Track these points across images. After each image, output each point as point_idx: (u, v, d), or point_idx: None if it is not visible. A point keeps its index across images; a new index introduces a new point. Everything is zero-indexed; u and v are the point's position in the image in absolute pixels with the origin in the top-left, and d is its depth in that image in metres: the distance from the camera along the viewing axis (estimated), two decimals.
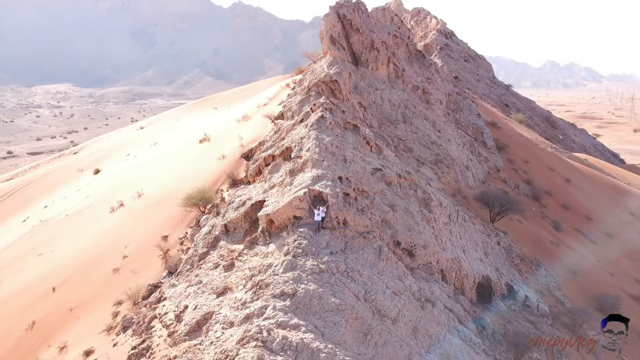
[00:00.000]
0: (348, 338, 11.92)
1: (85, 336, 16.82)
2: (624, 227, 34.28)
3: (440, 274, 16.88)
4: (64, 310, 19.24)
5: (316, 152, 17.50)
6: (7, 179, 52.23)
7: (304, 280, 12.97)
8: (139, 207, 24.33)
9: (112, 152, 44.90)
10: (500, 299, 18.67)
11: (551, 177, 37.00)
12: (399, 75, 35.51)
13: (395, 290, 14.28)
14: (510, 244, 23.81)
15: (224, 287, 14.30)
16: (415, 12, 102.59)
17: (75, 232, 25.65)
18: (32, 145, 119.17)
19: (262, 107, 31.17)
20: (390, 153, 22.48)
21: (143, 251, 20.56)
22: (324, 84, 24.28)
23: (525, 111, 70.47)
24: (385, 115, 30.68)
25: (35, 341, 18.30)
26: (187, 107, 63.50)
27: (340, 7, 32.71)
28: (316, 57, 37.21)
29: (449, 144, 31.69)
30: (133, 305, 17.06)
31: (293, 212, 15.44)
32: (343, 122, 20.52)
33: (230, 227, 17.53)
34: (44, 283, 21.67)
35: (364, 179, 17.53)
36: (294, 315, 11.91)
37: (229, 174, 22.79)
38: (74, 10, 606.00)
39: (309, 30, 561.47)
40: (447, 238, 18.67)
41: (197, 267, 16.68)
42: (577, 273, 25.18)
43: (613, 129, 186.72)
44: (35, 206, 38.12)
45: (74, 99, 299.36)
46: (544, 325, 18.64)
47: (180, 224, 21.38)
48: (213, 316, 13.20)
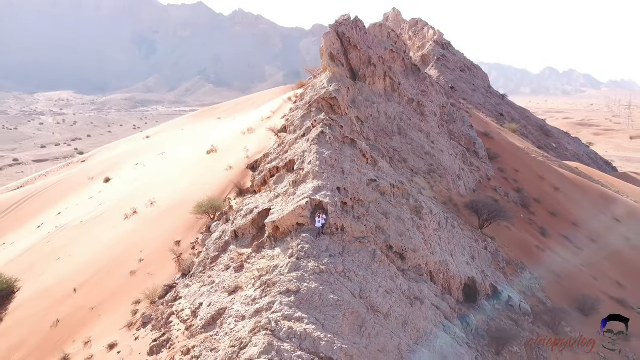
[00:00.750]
0: (345, 329, 13.70)
1: (108, 332, 18.55)
2: (609, 233, 36.04)
3: (429, 275, 18.68)
4: (85, 310, 20.98)
5: (317, 165, 19.36)
6: (18, 187, 54.09)
7: (306, 279, 14.77)
8: (152, 214, 26.15)
9: (121, 161, 46.82)
10: (485, 299, 20.45)
11: (541, 185, 38.85)
12: (395, 89, 37.47)
13: (388, 289, 16.08)
14: (497, 249, 25.60)
15: (235, 286, 16.09)
16: (413, 22, 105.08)
17: (91, 238, 27.44)
18: (37, 152, 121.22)
19: (265, 120, 33.12)
20: (385, 164, 24.36)
21: (157, 255, 22.35)
22: (324, 100, 26.22)
23: (519, 120, 72.53)
24: (381, 128, 32.58)
25: (60, 337, 20.01)
26: (192, 116, 65.49)
27: (340, 25, 34.76)
28: (316, 72, 39.24)
29: (442, 154, 33.59)
30: (151, 304, 18.82)
31: (296, 220, 17.27)
32: (341, 137, 22.40)
33: (239, 232, 19.35)
34: (65, 285, 23.43)
35: (360, 189, 19.38)
36: (298, 309, 13.70)
37: (236, 183, 24.65)
38: (75, 18, 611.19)
39: (309, 37, 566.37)
40: (436, 243, 20.48)
41: (210, 269, 18.48)
42: (561, 276, 26.94)
43: (610, 136, 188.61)
44: (48, 213, 39.93)
45: (77, 106, 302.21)
46: (525, 323, 20.39)
47: (191, 230, 23.20)
48: (226, 311, 14.99)
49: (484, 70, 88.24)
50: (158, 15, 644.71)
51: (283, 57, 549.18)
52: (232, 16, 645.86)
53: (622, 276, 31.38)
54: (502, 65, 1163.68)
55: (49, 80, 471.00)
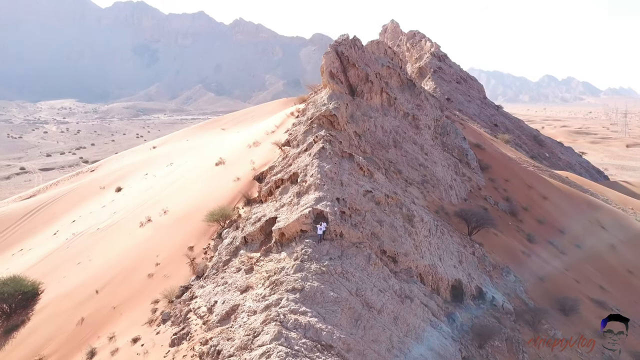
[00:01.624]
0: (343, 322, 15.81)
1: (130, 328, 20.60)
2: (594, 240, 38.18)
3: (419, 277, 20.81)
4: (108, 309, 23.06)
5: (318, 177, 21.58)
6: (30, 195, 56.31)
7: (309, 279, 16.91)
8: (166, 222, 28.31)
9: (130, 171, 49.08)
10: (470, 299, 22.56)
11: (529, 194, 41.05)
12: (391, 104, 39.79)
13: (381, 288, 18.21)
14: (485, 254, 27.73)
15: (246, 286, 18.22)
16: (411, 34, 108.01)
17: (109, 244, 29.59)
18: (43, 161, 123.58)
19: (270, 135, 35.42)
20: (381, 176, 26.57)
21: (172, 259, 24.47)
22: (324, 117, 28.50)
23: (514, 130, 74.95)
24: (378, 141, 34.85)
25: (86, 334, 22.07)
26: (197, 127, 67.86)
27: (339, 45, 37.12)
28: (317, 88, 41.60)
29: (435, 165, 35.84)
30: (169, 303, 20.90)
31: (300, 227, 19.44)
32: (340, 152, 24.63)
33: (248, 238, 21.51)
34: (87, 287, 25.52)
35: (357, 200, 21.57)
36: (302, 304, 15.83)
37: (243, 193, 26.87)
38: (78, 28, 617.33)
39: (309, 46, 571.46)
40: (426, 248, 22.63)
41: (222, 271, 20.61)
42: (544, 279, 29.06)
43: (606, 144, 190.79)
44: (63, 220, 42.10)
45: (79, 115, 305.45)
46: (507, 321, 22.46)
47: (203, 237, 25.35)
48: (239, 307, 17.10)
49: (479, 82, 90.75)
50: (159, 24, 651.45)
51: (283, 65, 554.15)
52: (233, 25, 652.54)
53: (604, 280, 33.48)
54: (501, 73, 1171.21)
55: (51, 89, 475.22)
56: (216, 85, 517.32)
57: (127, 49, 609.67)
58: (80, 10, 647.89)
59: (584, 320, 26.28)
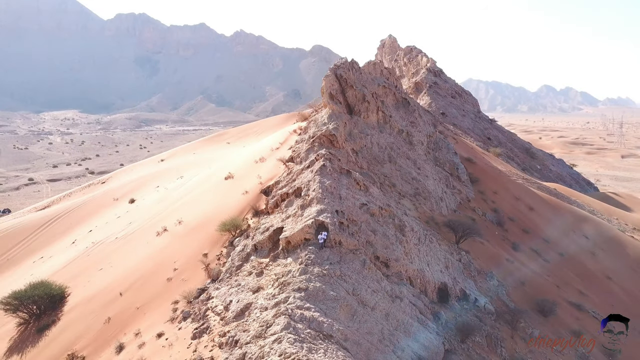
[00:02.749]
0: (341, 316, 18.60)
1: (154, 325, 23.33)
2: (576, 248, 40.92)
3: (408, 280, 23.62)
4: (132, 309, 25.79)
5: (319, 192, 24.49)
6: (45, 206, 59.19)
7: (312, 280, 19.72)
8: (181, 232, 31.17)
9: (142, 183, 52.02)
10: (455, 300, 25.34)
11: (516, 205, 43.92)
12: (386, 121, 42.85)
13: (374, 289, 21.02)
14: (470, 261, 30.54)
15: (257, 287, 21.03)
16: (408, 50, 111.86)
17: (128, 251, 32.41)
18: (50, 172, 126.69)
19: (275, 151, 38.42)
20: (376, 190, 29.47)
21: (189, 265, 27.27)
22: (324, 136, 31.55)
23: (506, 143, 78.06)
24: (374, 156, 37.84)
25: (113, 331, 24.77)
26: (203, 141, 70.96)
27: (338, 68, 40.32)
28: (317, 107, 44.75)
29: (426, 179, 38.77)
30: (188, 303, 23.65)
31: (304, 236, 22.30)
32: (339, 168, 27.57)
33: (258, 246, 24.36)
34: (111, 290, 28.28)
35: (354, 212, 24.46)
36: (307, 301, 18.62)
37: (252, 206, 29.76)
38: (80, 39, 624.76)
39: (309, 58, 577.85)
40: (416, 254, 25.47)
41: (235, 275, 23.44)
42: (525, 284, 31.80)
43: (602, 155, 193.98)
44: (79, 230, 44.94)
45: (83, 126, 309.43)
46: (488, 320, 25.22)
47: (216, 245, 28.17)
48: (252, 305, 19.88)
49: (474, 96, 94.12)
50: (161, 35, 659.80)
51: (283, 77, 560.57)
52: (234, 37, 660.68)
53: (584, 286, 36.18)
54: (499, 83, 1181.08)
55: (54, 100, 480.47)
56: (217, 96, 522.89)
57: (129, 60, 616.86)
58: (82, 21, 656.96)
59: (560, 321, 28.96)
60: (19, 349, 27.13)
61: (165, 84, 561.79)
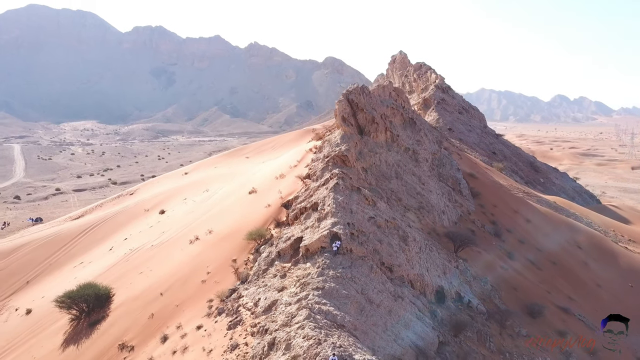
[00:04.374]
0: (352, 311, 22.64)
1: (193, 320, 27.55)
2: (569, 258, 44.31)
3: (409, 282, 27.58)
4: (172, 307, 30.10)
5: (333, 207, 28.68)
6: (79, 216, 64.35)
7: (328, 281, 23.83)
8: (212, 240, 35.57)
9: (170, 195, 56.85)
10: (450, 301, 29.17)
11: (514, 217, 47.51)
12: (394, 140, 46.90)
13: (379, 289, 25.04)
14: (467, 267, 34.32)
15: (282, 287, 25.20)
16: (418, 66, 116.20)
17: (165, 257, 36.88)
18: (75, 182, 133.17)
19: (293, 168, 42.83)
20: (383, 204, 33.54)
21: (220, 269, 31.58)
22: (337, 157, 35.79)
23: (511, 157, 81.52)
24: (382, 173, 41.93)
25: (157, 325, 29.07)
26: (223, 156, 75.90)
27: (350, 94, 44.58)
28: (330, 127, 49.09)
29: (430, 194, 42.70)
30: (221, 301, 27.84)
31: (321, 244, 26.45)
32: (350, 186, 31.75)
33: (281, 253, 28.59)
34: (152, 290, 32.69)
35: (363, 224, 28.57)
36: (324, 298, 22.72)
37: (274, 217, 34.06)
38: (99, 51, 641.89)
39: (321, 69, 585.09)
40: (417, 261, 29.43)
41: (262, 277, 27.65)
42: (517, 289, 35.41)
43: (612, 166, 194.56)
44: (115, 238, 49.72)
45: (102, 136, 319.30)
46: (480, 319, 28.96)
47: (243, 251, 32.46)
48: (278, 301, 24.03)
49: (480, 112, 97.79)
50: (177, 47, 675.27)
51: (296, 88, 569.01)
52: (248, 49, 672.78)
53: (574, 292, 39.56)
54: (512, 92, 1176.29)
55: (72, 110, 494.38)
56: (231, 107, 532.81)
57: (146, 71, 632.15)
58: (101, 34, 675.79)
59: (547, 322, 32.43)
60: (74, 340, 31.69)
61: (181, 95, 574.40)
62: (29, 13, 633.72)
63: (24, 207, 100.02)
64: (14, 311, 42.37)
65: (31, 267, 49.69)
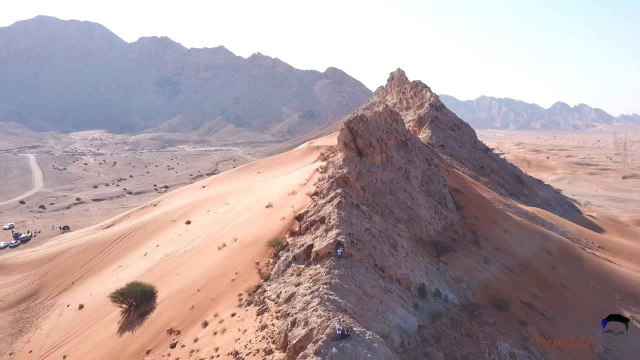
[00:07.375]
0: (352, 300, 30.17)
1: (227, 309, 35.00)
2: (539, 262, 51.67)
3: (397, 280, 35.12)
4: (208, 300, 37.60)
5: (337, 220, 36.33)
6: (109, 225, 72.18)
7: (334, 278, 31.36)
8: (237, 247, 43.22)
9: (193, 207, 64.69)
10: (430, 296, 36.67)
11: (492, 227, 55.00)
12: (388, 160, 54.65)
13: (373, 285, 32.57)
14: (447, 269, 41.82)
15: (298, 282, 32.77)
16: (414, 84, 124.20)
17: (197, 261, 44.51)
18: (92, 192, 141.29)
19: (303, 186, 50.61)
20: (378, 217, 41.17)
21: (246, 270, 39.16)
22: (340, 178, 43.52)
23: (498, 171, 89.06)
24: (377, 190, 49.61)
25: (197, 314, 36.54)
26: (236, 171, 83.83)
27: (350, 122, 52.47)
28: (334, 150, 56.78)
29: (419, 207, 50.31)
30: (249, 295, 35.33)
31: (328, 250, 34.05)
32: (351, 203, 39.43)
33: (296, 257, 36.23)
34: (190, 287, 40.26)
35: (360, 234, 36.20)
36: (331, 290, 30.25)
37: (289, 228, 41.71)
38: (106, 62, 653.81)
39: (323, 80, 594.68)
40: (404, 264, 37.01)
41: (281, 276, 35.25)
42: (489, 288, 42.81)
43: (604, 175, 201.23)
44: (148, 244, 57.41)
45: (111, 146, 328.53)
46: (454, 309, 36.37)
47: (264, 256, 40.05)
48: (296, 293, 31.56)
49: (472, 127, 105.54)
50: (182, 58, 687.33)
51: (298, 98, 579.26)
52: (251, 59, 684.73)
53: (540, 291, 46.84)
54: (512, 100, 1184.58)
55: (80, 120, 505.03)
56: (235, 117, 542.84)
57: (151, 81, 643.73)
58: (107, 45, 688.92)
59: (512, 314, 39.59)
60: (128, 328, 39.23)
61: (186, 105, 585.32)
62: (38, 24, 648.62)
63: (50, 216, 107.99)
64: (65, 307, 50.00)
65: (74, 270, 57.40)
